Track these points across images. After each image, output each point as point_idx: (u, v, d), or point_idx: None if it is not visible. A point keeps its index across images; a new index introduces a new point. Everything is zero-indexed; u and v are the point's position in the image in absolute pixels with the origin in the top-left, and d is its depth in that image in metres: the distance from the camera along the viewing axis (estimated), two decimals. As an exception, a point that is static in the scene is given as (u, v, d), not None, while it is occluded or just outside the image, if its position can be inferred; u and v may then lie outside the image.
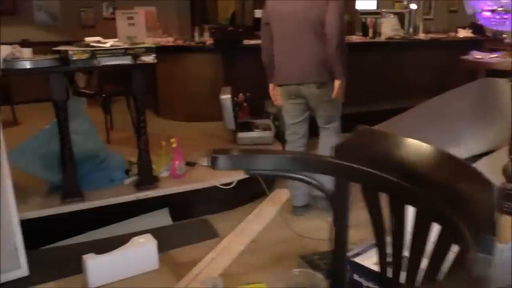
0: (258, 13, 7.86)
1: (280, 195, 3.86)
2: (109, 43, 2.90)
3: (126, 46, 2.96)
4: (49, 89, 3.00)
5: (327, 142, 3.46)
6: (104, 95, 4.74)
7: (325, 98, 3.33)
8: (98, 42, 2.89)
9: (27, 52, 2.91)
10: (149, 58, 2.99)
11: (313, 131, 3.63)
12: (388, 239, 1.06)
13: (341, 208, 1.07)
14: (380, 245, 1.05)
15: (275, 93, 3.52)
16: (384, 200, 1.06)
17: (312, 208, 3.59)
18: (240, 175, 3.65)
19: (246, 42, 5.75)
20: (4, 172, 2.72)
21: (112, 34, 6.98)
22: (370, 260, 2.07)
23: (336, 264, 1.10)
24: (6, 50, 2.74)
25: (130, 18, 6.19)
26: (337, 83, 3.24)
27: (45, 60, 2.85)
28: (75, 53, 2.77)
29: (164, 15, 7.83)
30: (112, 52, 2.88)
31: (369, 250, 2.16)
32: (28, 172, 3.34)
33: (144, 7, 7.18)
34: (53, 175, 3.34)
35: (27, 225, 2.83)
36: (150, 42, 5.87)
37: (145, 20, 6.29)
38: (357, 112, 3.98)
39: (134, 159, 3.68)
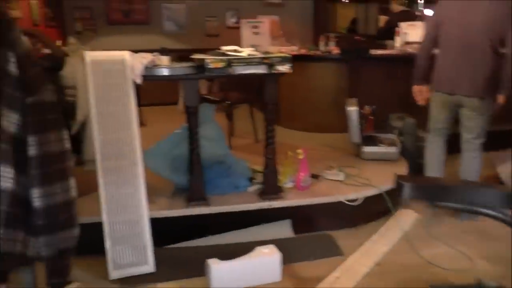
0: (382, 20, 7.67)
1: (406, 215, 3.64)
2: (245, 52, 2.90)
3: (262, 55, 2.94)
4: (184, 95, 3.08)
5: (472, 157, 3.50)
6: (228, 102, 4.82)
7: (483, 111, 3.35)
8: (235, 51, 2.91)
9: (165, 59, 3.01)
10: (284, 68, 2.95)
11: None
12: None
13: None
14: None
15: (421, 94, 3.61)
16: None
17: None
18: (368, 192, 3.51)
19: (373, 51, 5.55)
20: (139, 172, 2.84)
21: (235, 43, 7.14)
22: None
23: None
24: (148, 57, 2.85)
25: (255, 27, 6.32)
26: (502, 98, 3.28)
27: (182, 68, 2.93)
28: (212, 61, 2.81)
29: (286, 23, 7.87)
30: (248, 61, 2.87)
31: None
32: (157, 173, 3.45)
33: (267, 16, 7.33)
34: (180, 178, 3.43)
35: (153, 224, 2.92)
36: (274, 51, 5.93)
37: (269, 29, 6.37)
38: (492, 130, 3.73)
39: (257, 167, 3.69)
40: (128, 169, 2.84)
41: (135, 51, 2.93)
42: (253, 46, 6.20)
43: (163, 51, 3.08)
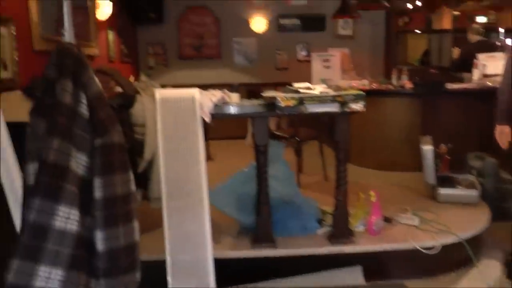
0: (457, 51, 7.41)
1: (490, 268, 3.33)
2: (317, 89, 2.80)
3: (335, 93, 2.82)
4: (253, 133, 3.00)
5: None
6: (298, 139, 4.70)
7: None
8: (307, 88, 2.81)
9: (235, 96, 2.96)
10: (358, 106, 2.81)
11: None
12: None
13: None
14: None
15: (504, 136, 3.25)
16: None
17: None
18: (446, 239, 3.25)
19: (449, 85, 5.29)
20: (205, 211, 2.78)
21: (305, 76, 7.08)
22: None
23: None
24: (217, 95, 2.80)
25: (326, 60, 6.25)
26: None
27: (252, 106, 2.86)
28: (283, 99, 2.72)
29: (357, 56, 7.73)
30: (320, 99, 2.76)
31: None
32: (223, 211, 3.38)
33: (337, 49, 7.23)
34: (247, 218, 3.34)
35: (217, 264, 2.84)
36: (344, 85, 5.80)
37: (340, 62, 6.27)
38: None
39: (326, 207, 3.53)
40: (193, 208, 2.79)
41: (206, 85, 2.90)
42: (324, 80, 6.14)
43: (233, 87, 3.03)
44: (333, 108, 2.80)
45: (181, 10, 7.92)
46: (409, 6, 8.10)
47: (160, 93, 2.75)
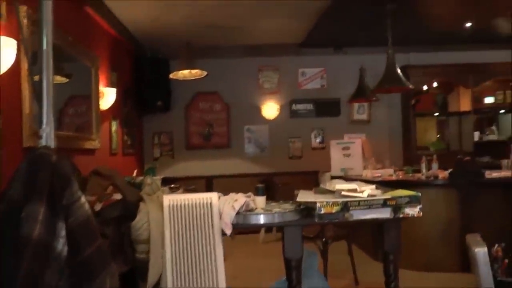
0: (476, 135, 7.01)
1: None
2: (366, 192, 2.27)
3: (386, 196, 2.29)
4: (283, 245, 2.44)
5: None
6: (324, 239, 4.11)
7: None
8: (354, 191, 2.28)
9: (261, 201, 2.44)
10: (413, 211, 2.27)
11: None
12: None
13: None
14: None
15: None
16: None
17: None
18: None
19: (488, 174, 4.77)
20: None
21: (320, 165, 6.53)
22: None
23: None
24: (240, 200, 2.28)
25: (346, 148, 5.78)
26: None
27: (284, 213, 2.32)
28: (323, 205, 2.19)
29: (373, 141, 7.28)
30: (369, 203, 2.23)
31: None
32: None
33: (354, 135, 6.78)
34: None
35: None
36: (368, 175, 5.28)
37: (361, 150, 5.80)
38: None
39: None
40: None
41: (214, 177, 2.37)
42: (344, 170, 5.64)
43: (259, 190, 2.50)
44: (384, 214, 2.26)
45: (189, 97, 7.53)
46: (425, 87, 7.76)
47: (169, 199, 2.23)
